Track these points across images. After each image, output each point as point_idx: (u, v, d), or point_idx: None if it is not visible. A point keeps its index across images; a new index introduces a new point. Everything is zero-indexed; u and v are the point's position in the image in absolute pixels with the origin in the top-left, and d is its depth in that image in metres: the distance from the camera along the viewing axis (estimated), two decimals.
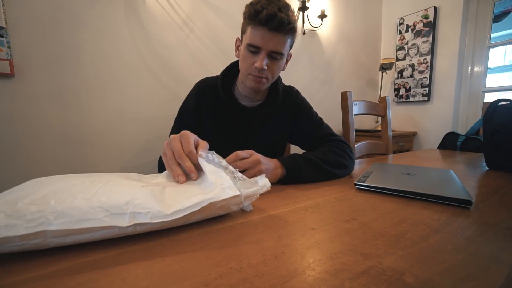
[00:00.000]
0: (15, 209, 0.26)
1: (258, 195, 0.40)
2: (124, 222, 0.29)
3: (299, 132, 0.80)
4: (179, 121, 0.78)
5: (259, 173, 0.51)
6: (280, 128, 0.80)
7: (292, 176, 0.58)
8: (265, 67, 0.64)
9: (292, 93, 0.82)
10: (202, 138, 0.83)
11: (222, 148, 0.79)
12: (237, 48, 0.72)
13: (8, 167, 1.04)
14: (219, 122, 0.77)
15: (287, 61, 0.76)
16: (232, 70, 0.77)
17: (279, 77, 0.81)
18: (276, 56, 0.65)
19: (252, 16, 0.61)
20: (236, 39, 0.73)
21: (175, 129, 0.78)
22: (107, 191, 0.32)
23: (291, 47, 0.71)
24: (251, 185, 0.40)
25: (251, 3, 0.62)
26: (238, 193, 0.36)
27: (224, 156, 0.48)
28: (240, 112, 0.76)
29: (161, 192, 0.36)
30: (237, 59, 0.74)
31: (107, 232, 0.29)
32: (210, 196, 0.34)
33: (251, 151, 0.55)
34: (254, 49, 0.64)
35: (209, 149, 0.47)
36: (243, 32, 0.68)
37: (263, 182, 0.40)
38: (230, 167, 0.42)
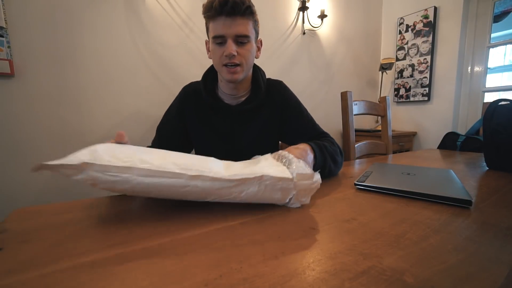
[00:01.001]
0: (114, 155, 0.37)
1: (310, 195, 0.43)
2: (191, 172, 0.37)
3: (292, 130, 0.79)
4: (158, 131, 0.80)
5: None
6: (269, 122, 0.78)
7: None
8: (235, 53, 0.64)
9: (279, 87, 0.81)
10: (188, 142, 0.83)
11: (211, 148, 0.79)
12: (208, 49, 0.72)
13: (8, 167, 1.04)
14: (206, 124, 0.76)
15: (258, 48, 0.75)
16: (214, 71, 0.77)
17: (261, 70, 0.80)
18: (242, 40, 0.65)
19: (208, 9, 0.62)
20: (205, 42, 0.73)
21: (156, 137, 0.80)
22: (178, 156, 0.43)
23: (257, 33, 0.71)
24: (307, 179, 0.42)
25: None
26: (290, 176, 0.40)
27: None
28: (225, 111, 0.75)
29: (223, 164, 0.44)
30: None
31: (175, 181, 0.37)
32: (264, 170, 0.40)
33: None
34: (219, 40, 0.65)
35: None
36: (207, 31, 0.68)
37: (317, 177, 0.43)
38: (296, 162, 0.45)
